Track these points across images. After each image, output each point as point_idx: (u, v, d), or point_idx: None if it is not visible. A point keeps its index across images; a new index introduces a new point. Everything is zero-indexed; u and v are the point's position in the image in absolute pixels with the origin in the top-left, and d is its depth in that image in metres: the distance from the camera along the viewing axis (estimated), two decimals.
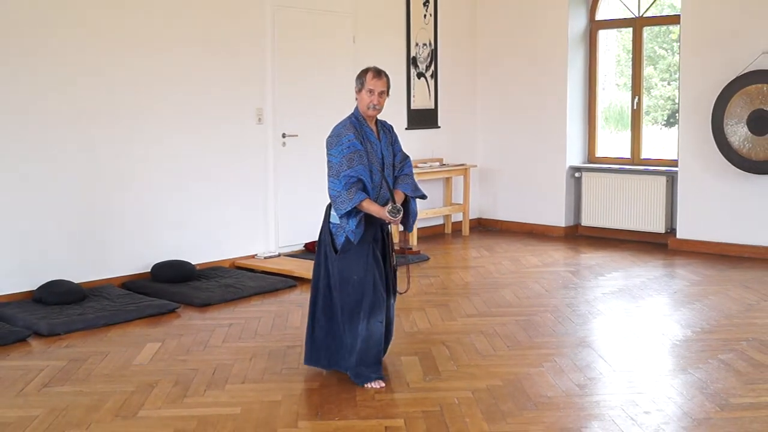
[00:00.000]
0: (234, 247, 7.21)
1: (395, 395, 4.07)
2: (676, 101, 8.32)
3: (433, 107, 8.96)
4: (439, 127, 9.03)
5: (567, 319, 5.47)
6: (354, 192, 4.10)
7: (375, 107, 4.24)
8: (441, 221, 9.15)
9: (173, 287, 6.20)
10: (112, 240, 6.40)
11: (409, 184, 4.36)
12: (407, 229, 4.48)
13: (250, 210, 7.33)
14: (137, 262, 6.54)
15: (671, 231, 8.22)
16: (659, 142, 8.78)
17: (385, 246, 4.37)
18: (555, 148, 8.82)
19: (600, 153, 8.95)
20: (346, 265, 4.21)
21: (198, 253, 6.89)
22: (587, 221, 8.74)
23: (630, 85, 8.65)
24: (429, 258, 7.62)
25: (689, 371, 4.40)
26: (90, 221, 6.27)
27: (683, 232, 7.95)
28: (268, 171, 7.41)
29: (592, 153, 8.98)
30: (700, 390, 4.11)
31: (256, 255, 7.33)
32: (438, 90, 8.97)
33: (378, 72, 4.26)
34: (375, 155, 4.25)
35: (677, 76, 8.14)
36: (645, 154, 8.61)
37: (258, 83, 7.29)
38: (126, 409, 3.92)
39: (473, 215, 9.38)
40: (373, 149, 4.26)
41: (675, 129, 8.28)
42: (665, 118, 8.96)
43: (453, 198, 9.12)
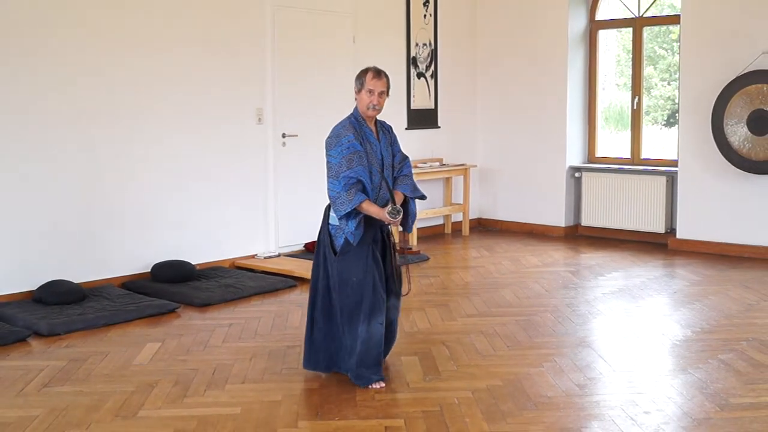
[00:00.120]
0: (234, 247, 7.21)
1: (395, 395, 4.07)
2: (676, 101, 8.32)
3: (433, 107, 8.96)
4: (439, 127, 9.03)
5: (567, 319, 5.47)
6: (353, 193, 4.07)
7: (375, 107, 4.22)
8: (441, 221, 9.15)
9: (173, 287, 6.21)
10: (112, 240, 6.40)
11: (409, 184, 4.35)
12: (406, 230, 4.45)
13: (250, 210, 7.33)
14: (137, 262, 6.54)
15: (671, 231, 8.22)
16: (659, 142, 8.78)
17: (385, 247, 4.35)
18: (555, 148, 8.82)
19: (600, 153, 8.95)
20: (345, 267, 4.19)
21: (198, 253, 6.89)
22: (587, 221, 8.74)
23: (630, 85, 8.65)
24: (429, 258, 7.62)
25: (689, 371, 4.40)
26: (90, 221, 6.28)
27: (683, 232, 7.95)
28: (268, 171, 7.41)
29: (592, 153, 8.98)
30: (700, 390, 4.11)
31: (256, 255, 7.33)
32: (438, 90, 8.97)
33: (378, 72, 4.24)
34: (374, 156, 4.23)
35: (677, 76, 8.14)
36: (645, 154, 8.61)
37: (258, 83, 7.30)
38: (126, 409, 3.92)
39: (473, 215, 9.38)
40: (373, 150, 4.24)
41: (675, 129, 8.28)
42: (665, 118, 8.96)
43: (453, 198, 9.12)
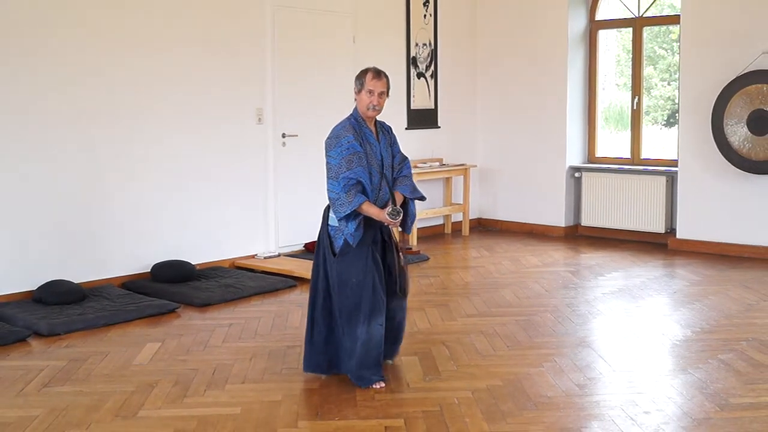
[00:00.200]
0: (234, 247, 7.21)
1: (395, 395, 4.07)
2: (676, 101, 8.32)
3: (433, 107, 8.96)
4: (439, 127, 9.03)
5: (567, 319, 5.47)
6: (353, 195, 4.06)
7: (375, 108, 4.20)
8: (441, 221, 9.15)
9: (173, 287, 6.21)
10: (112, 240, 6.40)
11: (408, 185, 4.32)
12: (406, 231, 4.42)
13: (250, 210, 7.33)
14: (137, 262, 6.54)
15: (671, 231, 8.22)
16: (659, 142, 8.78)
17: (385, 248, 4.32)
18: (555, 148, 8.82)
19: (600, 153, 8.95)
20: (344, 268, 4.17)
21: (198, 253, 6.89)
22: (587, 221, 8.74)
23: (630, 85, 8.65)
24: (429, 258, 7.62)
25: (689, 371, 4.40)
26: (90, 221, 6.28)
27: (683, 232, 7.95)
28: (268, 171, 7.41)
29: (592, 153, 8.98)
30: (699, 390, 4.11)
31: (256, 255, 7.33)
32: (438, 90, 8.97)
33: (378, 72, 4.22)
34: (374, 157, 4.22)
35: (677, 76, 8.14)
36: (645, 154, 8.61)
37: (258, 83, 7.30)
38: (126, 409, 3.92)
39: (473, 215, 9.38)
40: (373, 151, 4.22)
41: (675, 129, 8.28)
42: (665, 118, 8.96)
43: (453, 198, 9.12)
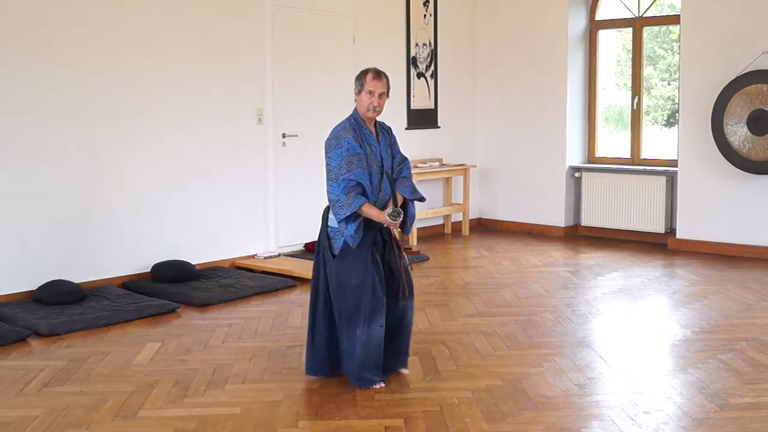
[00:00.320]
0: (234, 247, 7.21)
1: (395, 395, 4.07)
2: (676, 101, 8.32)
3: (433, 107, 8.96)
4: (439, 127, 9.03)
5: (567, 319, 5.47)
6: (353, 196, 4.04)
7: (375, 109, 4.18)
8: (441, 221, 9.15)
9: (173, 287, 6.21)
10: (112, 240, 6.40)
11: (408, 186, 4.29)
12: (405, 232, 4.40)
13: (250, 210, 7.33)
14: (137, 262, 6.54)
15: (671, 231, 8.22)
16: (659, 142, 8.79)
17: (386, 248, 4.29)
18: (555, 148, 8.82)
19: (600, 153, 8.95)
20: (344, 270, 4.15)
21: (198, 253, 6.89)
22: (587, 221, 8.74)
23: (630, 85, 8.65)
24: (429, 258, 7.62)
25: (689, 371, 4.40)
26: (90, 221, 6.28)
27: (683, 232, 7.95)
28: (268, 171, 7.41)
29: (592, 153, 8.98)
30: (699, 390, 4.11)
31: (256, 255, 7.33)
32: (438, 90, 8.97)
33: (378, 73, 4.20)
34: (374, 158, 4.20)
35: (677, 76, 8.14)
36: (645, 154, 8.61)
37: (258, 83, 7.30)
38: (126, 409, 3.92)
39: (473, 215, 9.38)
40: (373, 152, 4.20)
41: (675, 129, 8.28)
42: (665, 118, 8.96)
43: (453, 198, 9.12)
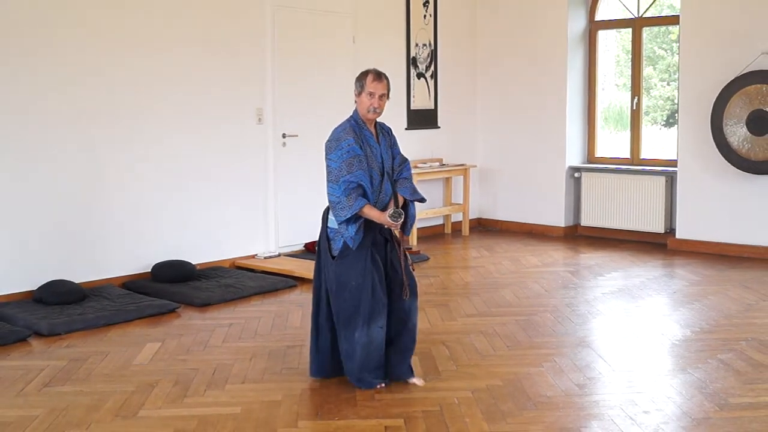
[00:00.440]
0: (234, 247, 7.21)
1: (395, 395, 4.07)
2: (675, 101, 8.32)
3: (433, 107, 8.97)
4: (439, 128, 9.03)
5: (567, 319, 5.47)
6: (354, 198, 4.02)
7: (375, 110, 4.16)
8: (441, 221, 9.15)
9: (173, 287, 6.21)
10: (112, 240, 6.40)
11: (408, 187, 4.27)
12: (405, 233, 4.36)
13: (250, 210, 7.33)
14: (137, 262, 6.54)
15: (670, 231, 8.23)
16: (658, 142, 8.79)
17: (387, 248, 4.26)
18: (555, 148, 8.82)
19: (599, 153, 8.95)
20: (343, 271, 4.12)
21: (198, 253, 6.89)
22: (587, 221, 8.74)
23: (629, 86, 8.65)
24: (429, 258, 7.62)
25: (688, 371, 4.40)
26: (90, 221, 6.28)
27: (682, 232, 7.95)
28: (268, 171, 7.42)
29: (591, 153, 8.99)
30: (699, 390, 4.11)
31: (256, 255, 7.33)
32: (438, 90, 8.97)
33: (378, 75, 4.17)
34: (375, 159, 4.17)
35: (676, 76, 8.14)
36: (644, 154, 8.62)
37: (258, 83, 7.30)
38: (126, 409, 3.92)
39: (473, 215, 9.38)
40: (373, 153, 4.18)
41: (674, 129, 8.29)
42: (664, 118, 8.96)
43: (453, 198, 9.12)
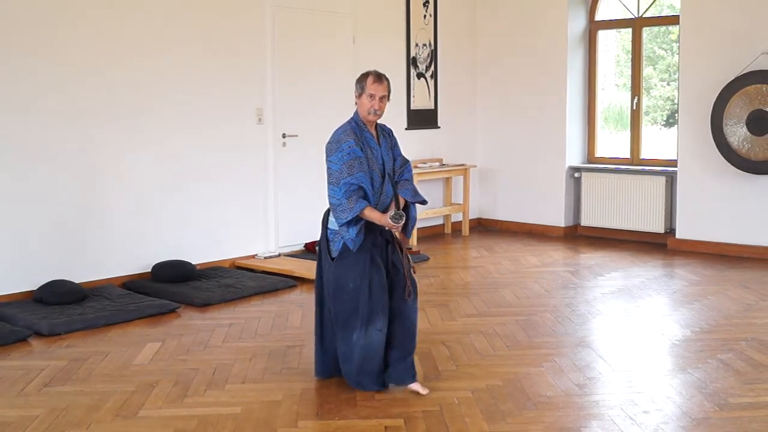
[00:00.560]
0: (234, 247, 7.21)
1: (395, 395, 4.07)
2: (675, 101, 8.33)
3: (433, 107, 8.97)
4: (439, 128, 9.03)
5: (566, 319, 5.48)
6: (355, 200, 4.00)
7: (376, 112, 4.13)
8: (441, 221, 9.15)
9: (173, 287, 6.21)
10: (112, 240, 6.40)
11: (409, 189, 4.25)
12: (406, 236, 4.32)
13: (250, 210, 7.33)
14: (137, 262, 6.54)
15: (670, 231, 8.23)
16: (658, 142, 8.79)
17: (388, 249, 4.22)
18: (555, 148, 8.82)
19: (599, 153, 8.95)
20: (342, 272, 4.10)
21: (198, 253, 6.89)
22: (587, 221, 8.74)
23: (629, 86, 8.66)
24: (429, 258, 7.62)
25: (688, 371, 4.41)
26: (90, 221, 6.28)
27: (682, 232, 7.96)
28: (268, 171, 7.42)
29: (591, 153, 8.99)
30: (699, 390, 4.11)
31: (256, 255, 7.33)
32: (438, 90, 8.97)
33: (379, 76, 4.15)
34: (375, 161, 4.15)
35: (676, 76, 8.14)
36: (644, 154, 8.62)
37: (258, 83, 7.30)
38: (126, 409, 3.92)
39: (473, 215, 9.38)
40: (374, 155, 4.16)
41: (674, 129, 8.29)
42: (664, 118, 8.96)
43: (453, 198, 9.12)
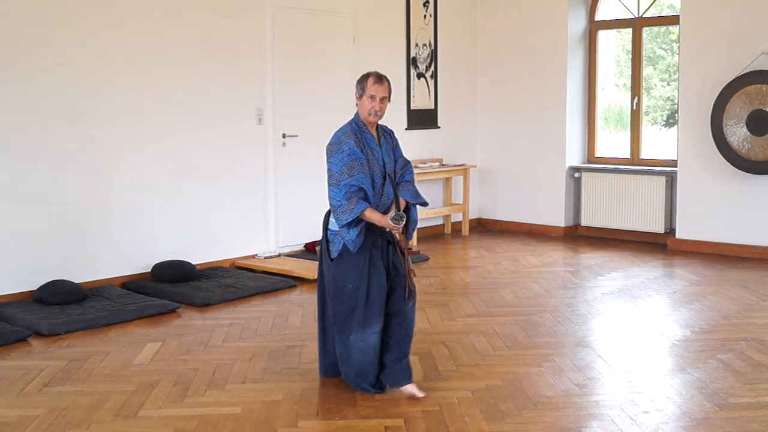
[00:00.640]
0: (234, 247, 7.21)
1: (395, 395, 4.06)
2: (675, 101, 8.33)
3: (433, 107, 8.97)
4: (439, 128, 9.03)
5: (566, 319, 5.48)
6: (355, 202, 3.99)
7: (376, 114, 4.12)
8: (441, 221, 9.15)
9: (173, 287, 6.21)
10: (112, 240, 6.40)
11: (410, 190, 4.24)
12: (407, 237, 4.30)
13: (250, 210, 7.33)
14: (137, 262, 6.55)
15: (670, 231, 8.23)
16: (659, 142, 8.79)
17: (389, 250, 4.20)
18: (555, 148, 8.83)
19: (599, 153, 8.96)
20: (341, 273, 4.09)
21: (198, 253, 6.89)
22: (587, 221, 8.75)
23: (629, 86, 8.66)
24: (429, 258, 7.62)
25: (688, 371, 4.41)
26: (90, 221, 6.28)
27: (682, 232, 7.96)
28: (268, 171, 7.42)
29: (591, 153, 8.99)
30: (699, 390, 4.12)
31: (256, 255, 7.34)
32: (438, 90, 8.98)
33: (379, 77, 4.14)
34: (376, 162, 4.14)
35: (676, 76, 8.14)
36: (644, 154, 8.62)
37: (258, 83, 7.30)
38: (126, 409, 3.93)
39: (473, 215, 9.38)
40: (374, 156, 4.14)
41: (674, 129, 8.29)
42: (664, 118, 8.97)
43: (453, 198, 9.12)
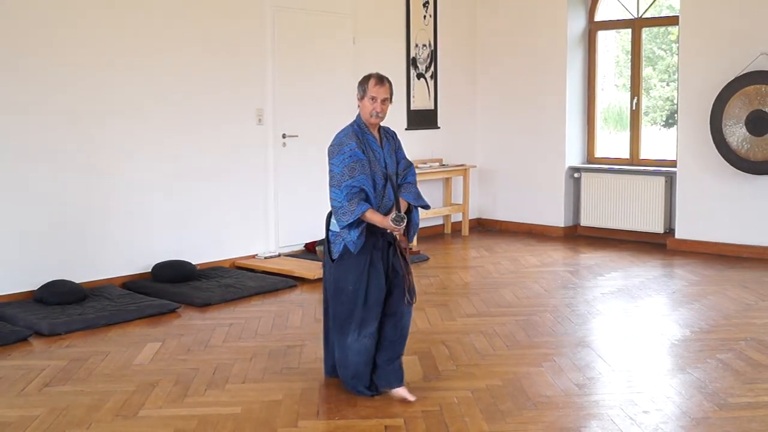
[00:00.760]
0: (234, 247, 7.22)
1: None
2: (674, 102, 8.33)
3: (433, 108, 8.97)
4: (439, 128, 9.04)
5: (566, 319, 5.48)
6: (356, 203, 3.98)
7: (378, 115, 4.11)
8: (441, 221, 9.16)
9: (174, 287, 6.21)
10: (112, 240, 6.41)
11: (412, 192, 4.23)
12: (408, 239, 4.28)
13: (250, 210, 7.33)
14: (137, 262, 6.55)
15: (670, 231, 8.24)
16: (658, 142, 8.80)
17: (390, 251, 4.18)
18: (554, 148, 8.83)
19: (599, 153, 8.96)
20: (341, 274, 4.08)
21: (198, 253, 6.90)
22: (586, 221, 8.75)
23: (629, 86, 8.66)
24: (429, 258, 7.62)
25: (688, 371, 4.41)
26: (90, 221, 6.28)
27: (682, 232, 7.96)
28: (268, 171, 7.42)
29: (591, 153, 8.99)
30: (698, 389, 4.12)
31: (256, 255, 7.34)
32: (438, 90, 8.98)
33: (380, 79, 4.13)
34: (378, 163, 4.12)
35: (676, 76, 8.15)
36: (644, 154, 8.62)
37: (258, 83, 7.30)
38: (126, 409, 3.93)
39: (473, 215, 9.39)
40: (376, 157, 4.13)
41: (674, 129, 8.30)
42: (664, 118, 8.97)
43: (453, 198, 9.13)
